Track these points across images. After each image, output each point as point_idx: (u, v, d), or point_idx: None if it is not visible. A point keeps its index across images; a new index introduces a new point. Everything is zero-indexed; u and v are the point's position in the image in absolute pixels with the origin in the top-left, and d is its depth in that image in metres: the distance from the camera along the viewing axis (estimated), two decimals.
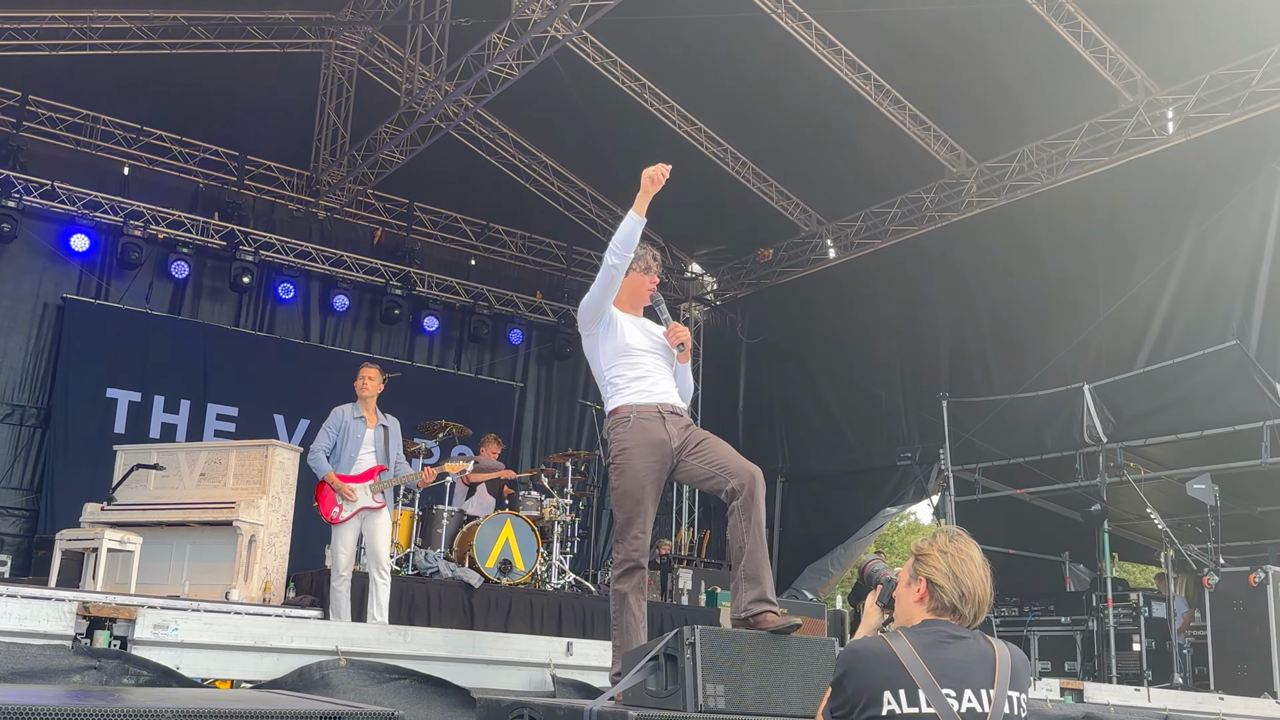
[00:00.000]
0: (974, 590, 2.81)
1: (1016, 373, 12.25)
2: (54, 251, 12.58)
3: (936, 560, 2.84)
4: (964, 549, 2.85)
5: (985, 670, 2.72)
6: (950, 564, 2.82)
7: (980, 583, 2.82)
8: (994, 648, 2.78)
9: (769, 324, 16.10)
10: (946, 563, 2.83)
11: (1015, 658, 2.79)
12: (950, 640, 2.75)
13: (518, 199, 15.48)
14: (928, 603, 2.83)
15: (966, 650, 2.74)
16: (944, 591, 2.80)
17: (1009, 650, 2.81)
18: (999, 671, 2.72)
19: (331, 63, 14.35)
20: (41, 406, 12.39)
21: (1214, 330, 10.62)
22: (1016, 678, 2.75)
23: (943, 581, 2.81)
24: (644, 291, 4.83)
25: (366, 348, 14.48)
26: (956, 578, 2.80)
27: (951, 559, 2.83)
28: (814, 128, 13.35)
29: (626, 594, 4.54)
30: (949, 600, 2.80)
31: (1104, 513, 10.66)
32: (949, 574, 2.81)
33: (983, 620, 2.85)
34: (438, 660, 4.67)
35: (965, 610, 2.80)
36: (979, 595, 2.81)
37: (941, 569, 2.82)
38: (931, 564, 2.85)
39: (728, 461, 4.53)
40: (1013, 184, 12.66)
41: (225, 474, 8.73)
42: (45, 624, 3.86)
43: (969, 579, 2.81)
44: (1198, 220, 11.09)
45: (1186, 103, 11.14)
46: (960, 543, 2.87)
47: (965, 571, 2.81)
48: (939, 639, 2.75)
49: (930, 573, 2.84)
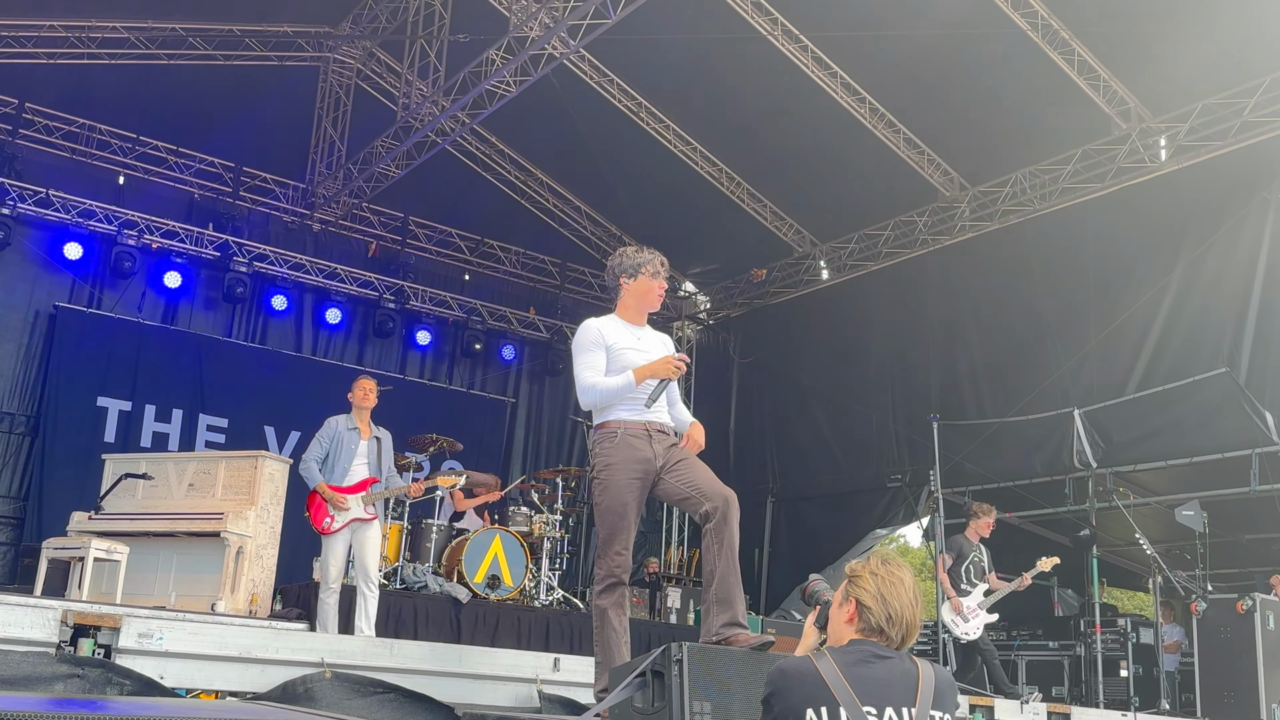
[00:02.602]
0: (901, 613, 2.86)
1: (1007, 397, 12.28)
2: (47, 260, 12.56)
3: (867, 582, 2.90)
4: (895, 572, 2.91)
5: (908, 689, 2.78)
6: (880, 586, 2.88)
7: (909, 606, 2.88)
8: (918, 667, 2.85)
9: (761, 344, 16.11)
10: (876, 585, 2.89)
11: (940, 678, 2.86)
12: (874, 659, 2.82)
13: (513, 215, 15.51)
14: (856, 623, 2.90)
15: (890, 669, 2.81)
16: (872, 613, 2.87)
17: (934, 670, 2.87)
18: (921, 690, 2.78)
19: (329, 76, 14.38)
20: (31, 414, 12.34)
21: (1204, 357, 10.66)
22: (940, 697, 2.81)
23: (871, 603, 2.87)
24: (653, 297, 4.83)
25: (359, 360, 14.46)
26: (885, 600, 2.86)
27: (881, 581, 2.89)
28: (809, 150, 13.40)
29: (607, 609, 4.55)
30: (876, 622, 2.86)
31: (1093, 538, 10.67)
32: (878, 596, 2.87)
33: (912, 643, 2.91)
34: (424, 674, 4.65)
35: (892, 632, 2.86)
36: (907, 618, 2.87)
37: (871, 591, 2.88)
38: (862, 586, 2.91)
39: (703, 484, 4.54)
40: (1005, 209, 12.71)
41: (214, 485, 8.71)
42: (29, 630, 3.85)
43: (897, 601, 2.87)
44: (1189, 248, 11.14)
45: (1179, 131, 11.21)
46: (892, 566, 2.93)
47: (894, 594, 2.87)
48: (862, 658, 2.82)
49: (860, 594, 2.90)
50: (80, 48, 12.55)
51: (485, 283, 15.74)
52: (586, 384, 4.63)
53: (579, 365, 4.65)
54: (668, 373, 4.58)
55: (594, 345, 4.68)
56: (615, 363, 4.67)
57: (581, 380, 4.64)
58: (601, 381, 4.61)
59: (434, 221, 15.33)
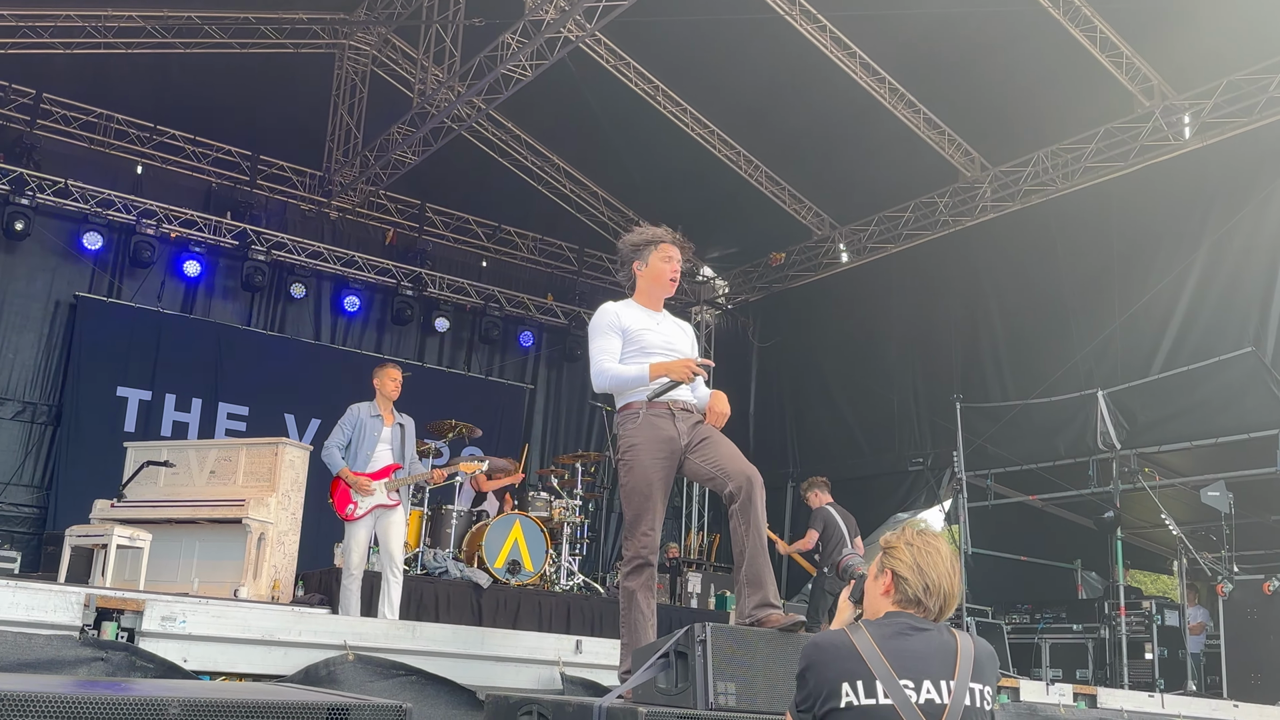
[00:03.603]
0: (939, 583, 2.82)
1: (1030, 378, 12.18)
2: (66, 250, 12.60)
3: (902, 553, 2.86)
4: (931, 543, 2.87)
5: (946, 662, 2.73)
6: (916, 556, 2.84)
7: (946, 576, 2.83)
8: (957, 639, 2.79)
9: (781, 328, 16.04)
10: (912, 555, 2.84)
11: (979, 650, 2.80)
12: (911, 632, 2.77)
13: (530, 201, 15.47)
14: (893, 595, 2.85)
15: (928, 642, 2.76)
16: (908, 584, 2.82)
17: (973, 642, 2.81)
18: (960, 663, 2.73)
19: (345, 63, 14.36)
20: (53, 404, 12.40)
21: (1230, 337, 10.54)
22: (980, 670, 2.76)
23: (907, 574, 2.83)
24: (665, 280, 4.77)
25: (377, 348, 14.47)
26: (922, 570, 2.82)
27: (917, 551, 2.85)
28: (827, 131, 13.31)
29: (635, 591, 4.51)
30: (913, 593, 2.82)
31: (1117, 520, 10.58)
32: (914, 566, 2.83)
33: (950, 614, 2.86)
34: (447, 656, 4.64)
35: (929, 603, 2.82)
36: (945, 589, 2.82)
37: (907, 561, 2.84)
38: (897, 557, 2.86)
39: (726, 463, 4.50)
40: (1027, 189, 12.59)
41: (235, 472, 8.74)
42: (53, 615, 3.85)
43: (934, 572, 2.82)
44: (1214, 226, 11.01)
45: (1203, 108, 11.07)
46: (928, 536, 2.89)
47: (931, 564, 2.83)
48: (899, 630, 2.77)
49: (896, 565, 2.86)
50: (96, 37, 12.56)
51: (503, 269, 15.71)
52: (600, 369, 4.62)
53: (594, 349, 4.63)
54: (683, 377, 4.53)
55: (610, 329, 4.66)
56: (633, 343, 4.64)
57: (596, 364, 4.63)
58: (615, 368, 4.59)
59: (451, 208, 15.30)
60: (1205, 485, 9.98)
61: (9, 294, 12.33)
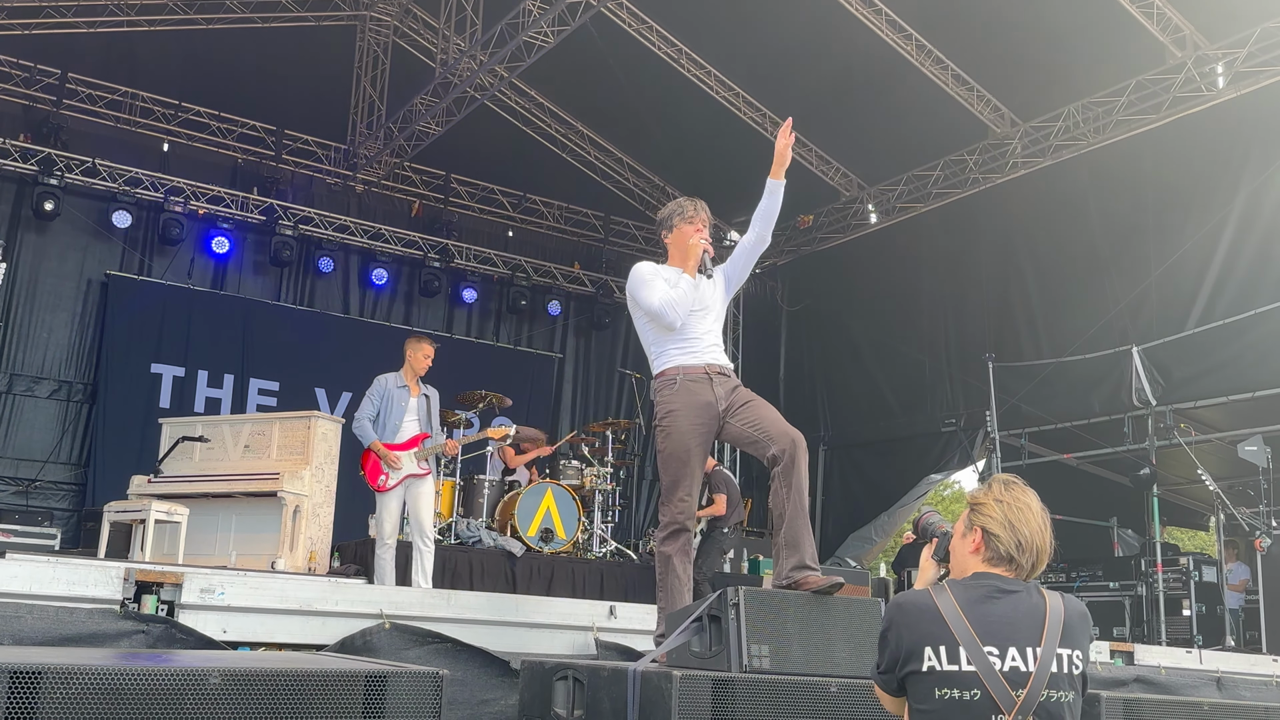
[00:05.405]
0: (1031, 539, 2.69)
1: (1063, 336, 12.06)
2: (96, 229, 12.70)
3: (992, 509, 2.73)
4: (1021, 497, 2.74)
5: (1034, 626, 2.61)
6: (1006, 512, 2.71)
7: (1039, 531, 2.70)
8: (1046, 601, 2.67)
9: (810, 291, 15.94)
10: (1002, 511, 2.71)
11: (1070, 612, 2.67)
12: (999, 595, 2.65)
13: (554, 169, 15.40)
14: (983, 553, 2.72)
15: (1015, 605, 2.64)
16: (1000, 541, 2.69)
17: (1063, 604, 2.68)
18: (1048, 627, 2.61)
19: (366, 35, 14.32)
20: (88, 382, 12.54)
21: (1267, 289, 10.36)
22: (1070, 633, 2.63)
23: (999, 531, 2.70)
24: (690, 240, 4.76)
25: (406, 320, 14.52)
26: (1013, 526, 2.69)
27: (1008, 507, 2.72)
28: (854, 90, 13.13)
29: (671, 556, 4.52)
30: (1005, 550, 2.69)
31: (1153, 477, 10.49)
32: (1005, 522, 2.70)
33: (1042, 570, 2.74)
34: (481, 624, 4.66)
35: (1023, 560, 2.69)
36: (1037, 544, 2.69)
37: (997, 518, 2.71)
38: (987, 513, 2.73)
39: (769, 426, 4.48)
40: (1058, 144, 12.40)
41: (269, 445, 8.81)
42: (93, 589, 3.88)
43: (1026, 527, 2.69)
44: (1249, 177, 10.81)
45: (1236, 57, 10.84)
46: (1017, 490, 2.76)
47: (1022, 520, 2.70)
48: (987, 594, 2.65)
49: (985, 522, 2.73)
50: (119, 15, 12.59)
51: (529, 238, 15.69)
52: (656, 303, 4.60)
53: (644, 294, 4.62)
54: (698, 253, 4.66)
55: (652, 275, 4.70)
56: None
57: (650, 304, 4.61)
58: (668, 294, 4.59)
59: (476, 179, 15.27)
60: (1242, 440, 9.87)
61: (41, 274, 12.45)
